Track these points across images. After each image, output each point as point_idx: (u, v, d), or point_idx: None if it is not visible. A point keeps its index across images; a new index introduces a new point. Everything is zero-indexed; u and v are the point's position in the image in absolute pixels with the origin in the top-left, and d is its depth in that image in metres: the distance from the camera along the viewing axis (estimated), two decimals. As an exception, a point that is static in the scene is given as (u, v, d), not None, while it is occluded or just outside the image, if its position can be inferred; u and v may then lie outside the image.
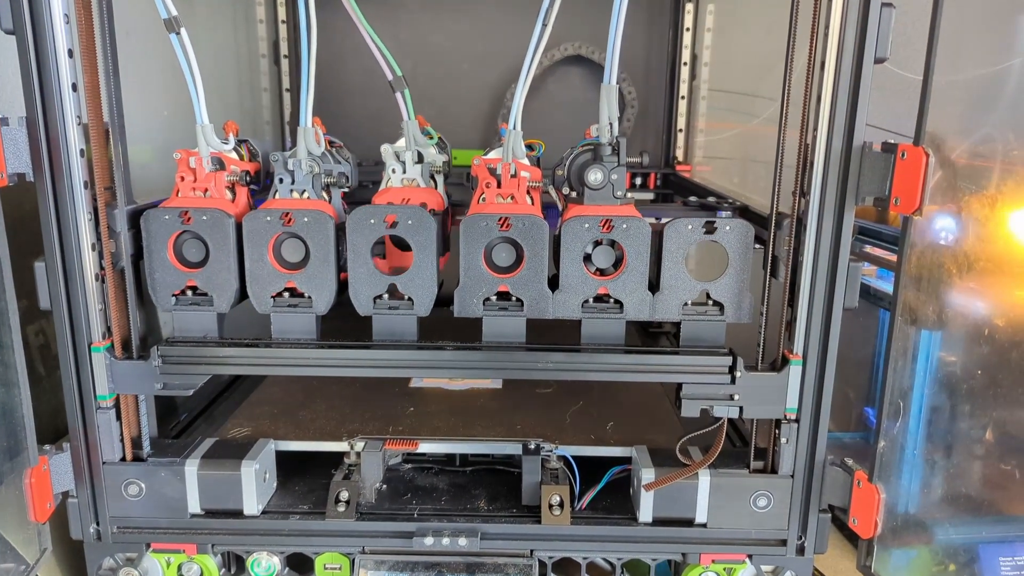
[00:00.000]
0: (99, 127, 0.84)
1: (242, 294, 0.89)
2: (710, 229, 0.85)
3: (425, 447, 1.00)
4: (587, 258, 0.87)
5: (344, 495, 0.93)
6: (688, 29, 1.61)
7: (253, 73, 1.68)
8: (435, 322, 0.91)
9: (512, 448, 0.99)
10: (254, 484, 0.91)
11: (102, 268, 0.86)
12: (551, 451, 0.97)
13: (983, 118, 0.84)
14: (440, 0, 1.67)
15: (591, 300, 0.88)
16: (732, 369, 0.87)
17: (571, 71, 1.72)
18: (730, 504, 0.91)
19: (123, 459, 0.92)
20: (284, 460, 1.01)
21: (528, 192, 0.92)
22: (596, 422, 1.08)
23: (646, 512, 0.91)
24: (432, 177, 1.04)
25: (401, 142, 1.01)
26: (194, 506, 0.92)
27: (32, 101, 0.80)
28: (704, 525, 0.92)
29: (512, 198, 0.90)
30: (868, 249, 1.29)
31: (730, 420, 1.13)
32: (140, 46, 1.04)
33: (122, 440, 0.91)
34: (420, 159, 1.00)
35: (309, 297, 0.88)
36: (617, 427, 1.06)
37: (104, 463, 0.91)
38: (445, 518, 0.93)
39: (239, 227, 0.87)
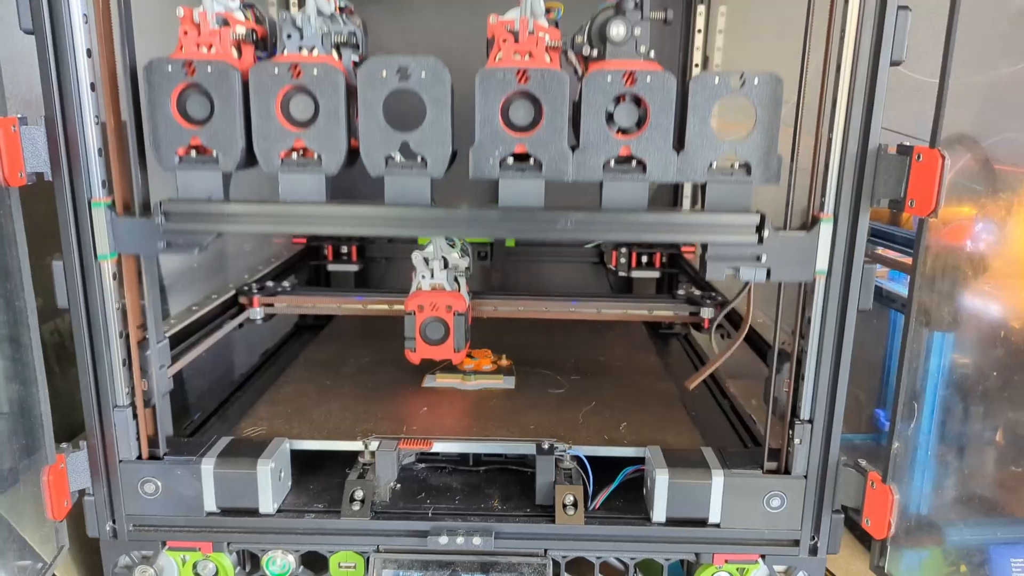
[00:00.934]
0: (117, 126, 0.84)
1: (248, 154, 0.85)
2: (738, 82, 0.81)
3: (439, 447, 1.00)
4: (609, 119, 0.82)
5: (359, 494, 0.93)
6: (700, 31, 1.61)
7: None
8: (448, 198, 0.87)
9: (526, 448, 0.99)
10: (269, 483, 0.91)
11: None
12: (565, 451, 0.97)
13: (999, 120, 0.85)
14: (452, 1, 1.67)
15: (613, 162, 0.83)
16: (760, 228, 0.83)
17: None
18: (743, 504, 0.91)
19: (139, 457, 0.92)
20: (299, 459, 1.01)
21: (546, 51, 0.86)
22: (609, 422, 1.08)
23: (659, 512, 0.91)
24: (456, 280, 1.17)
25: (430, 248, 1.15)
26: (210, 504, 0.92)
27: (51, 100, 0.81)
28: (717, 525, 0.92)
29: (530, 55, 0.84)
30: (880, 251, 1.30)
31: (742, 421, 1.15)
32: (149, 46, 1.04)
33: (138, 438, 0.92)
34: (446, 264, 1.15)
35: (318, 156, 0.84)
36: (630, 427, 1.06)
37: (121, 461, 0.91)
38: (459, 517, 0.93)
39: (246, 84, 0.82)
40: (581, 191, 0.85)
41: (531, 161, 0.84)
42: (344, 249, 1.77)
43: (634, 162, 0.84)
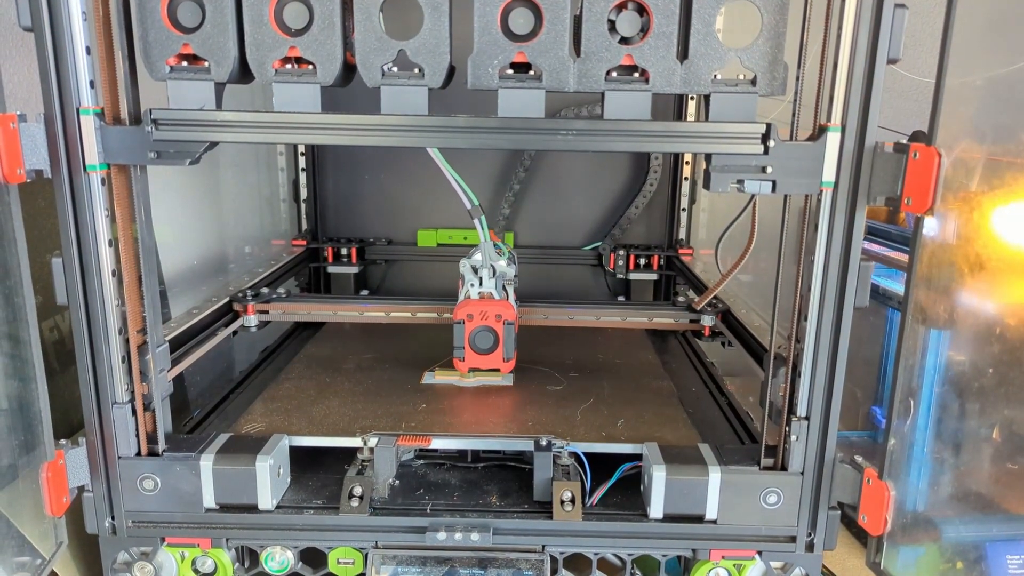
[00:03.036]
0: (107, 34, 0.82)
1: (242, 65, 0.83)
2: None
3: (437, 443, 1.00)
4: (611, 28, 0.81)
5: (357, 490, 0.94)
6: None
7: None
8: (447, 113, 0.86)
9: (524, 444, 1.00)
10: (268, 479, 0.92)
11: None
12: (562, 448, 0.98)
13: (996, 119, 0.85)
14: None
15: (615, 72, 0.82)
16: (766, 138, 0.82)
17: None
18: (740, 501, 0.92)
19: (138, 454, 0.92)
20: (298, 455, 1.01)
21: None
22: (607, 419, 1.08)
23: (657, 508, 0.92)
24: (504, 288, 1.20)
25: (478, 257, 1.17)
26: (209, 501, 0.93)
27: (50, 98, 0.81)
28: (714, 522, 0.92)
29: None
30: (877, 248, 1.30)
31: (739, 418, 1.15)
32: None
33: (137, 435, 0.92)
34: (494, 273, 1.18)
35: (313, 66, 0.82)
36: (628, 424, 1.07)
37: (120, 458, 0.91)
38: (457, 513, 0.94)
39: None
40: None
41: (531, 71, 0.82)
42: (344, 251, 1.78)
43: (637, 72, 0.83)
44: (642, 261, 1.75)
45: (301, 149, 1.76)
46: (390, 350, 1.36)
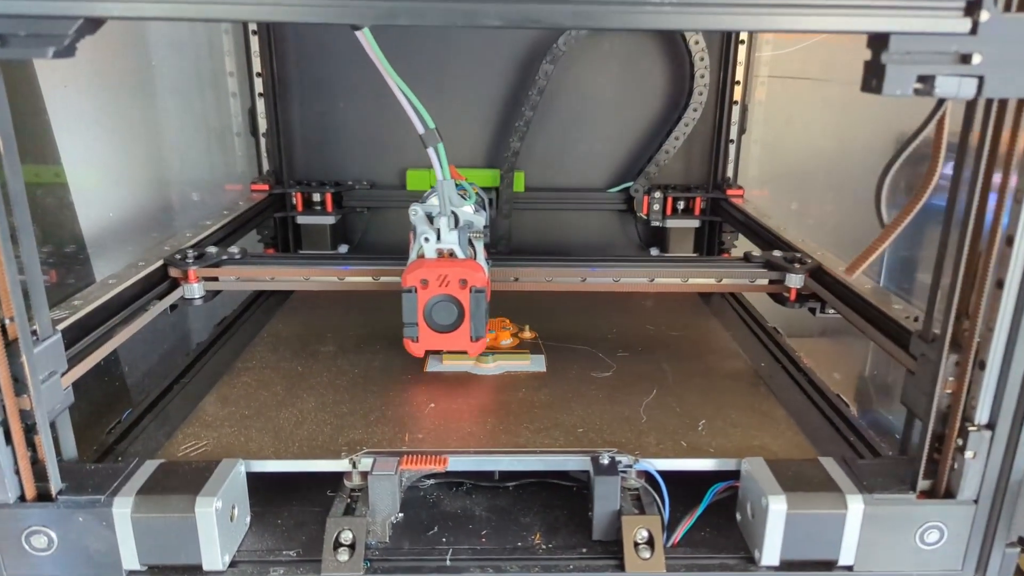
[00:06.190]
0: None
1: None
2: None
3: (456, 463, 0.72)
4: None
5: (346, 537, 0.66)
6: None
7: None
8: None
9: (579, 463, 0.73)
10: (216, 528, 0.64)
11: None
12: (630, 466, 0.71)
13: None
14: None
15: None
16: (974, 8, 0.53)
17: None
18: (888, 540, 0.66)
19: (21, 498, 0.63)
20: (260, 483, 0.73)
21: None
22: (681, 420, 0.81)
23: (771, 553, 0.66)
24: (471, 243, 0.89)
25: (434, 201, 0.86)
26: (130, 561, 0.64)
27: None
28: (850, 568, 0.66)
29: None
30: None
31: (831, 405, 0.88)
32: None
33: (17, 472, 0.63)
34: (457, 223, 0.87)
35: None
36: (711, 426, 0.80)
37: (-8, 506, 0.62)
38: (490, 566, 0.67)
39: None
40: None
41: None
42: (317, 198, 1.47)
43: None
44: (681, 205, 1.46)
45: (257, 69, 1.41)
46: (379, 324, 1.07)
